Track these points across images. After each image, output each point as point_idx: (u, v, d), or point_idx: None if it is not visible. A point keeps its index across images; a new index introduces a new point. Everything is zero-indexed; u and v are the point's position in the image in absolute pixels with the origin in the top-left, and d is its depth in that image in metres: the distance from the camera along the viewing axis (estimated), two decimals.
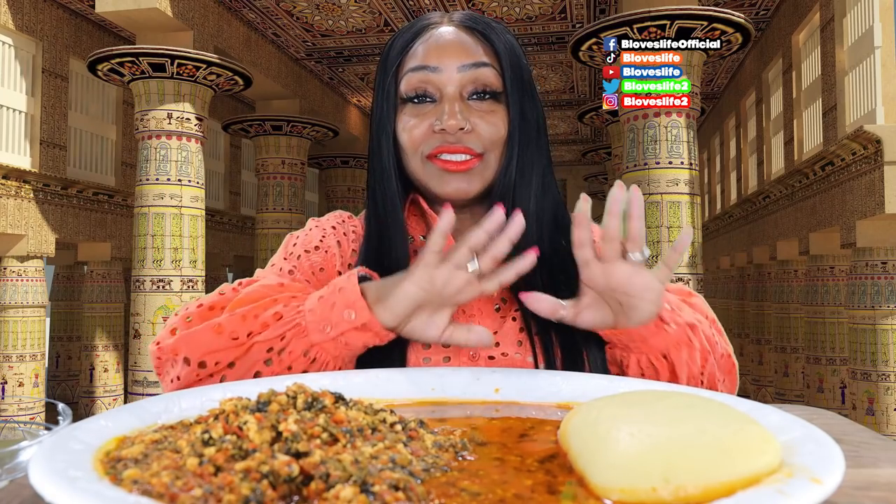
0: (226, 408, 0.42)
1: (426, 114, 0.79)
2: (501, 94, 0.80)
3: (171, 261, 6.80)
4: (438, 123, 0.77)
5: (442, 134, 0.78)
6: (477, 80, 0.79)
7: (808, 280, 7.51)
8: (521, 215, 0.66)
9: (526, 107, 0.81)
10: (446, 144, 0.78)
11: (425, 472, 0.38)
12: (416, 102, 0.80)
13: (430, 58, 0.79)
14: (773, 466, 0.36)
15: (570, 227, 0.79)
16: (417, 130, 0.79)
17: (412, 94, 0.80)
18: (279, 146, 9.16)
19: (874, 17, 5.79)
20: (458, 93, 0.79)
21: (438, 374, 0.61)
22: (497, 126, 0.79)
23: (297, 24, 8.31)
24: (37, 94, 7.72)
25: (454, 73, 0.78)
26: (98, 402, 8.92)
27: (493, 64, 0.80)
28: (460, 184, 0.79)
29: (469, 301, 0.67)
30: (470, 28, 0.81)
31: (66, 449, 0.37)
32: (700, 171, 10.35)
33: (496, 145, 0.80)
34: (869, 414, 6.01)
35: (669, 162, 5.84)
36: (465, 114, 0.78)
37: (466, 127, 0.77)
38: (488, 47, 0.80)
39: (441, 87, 0.79)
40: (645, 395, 0.44)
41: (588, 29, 6.12)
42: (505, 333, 0.80)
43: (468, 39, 0.80)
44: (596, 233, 0.80)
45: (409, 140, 0.79)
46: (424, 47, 0.80)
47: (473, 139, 0.78)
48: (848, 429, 0.57)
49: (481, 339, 0.67)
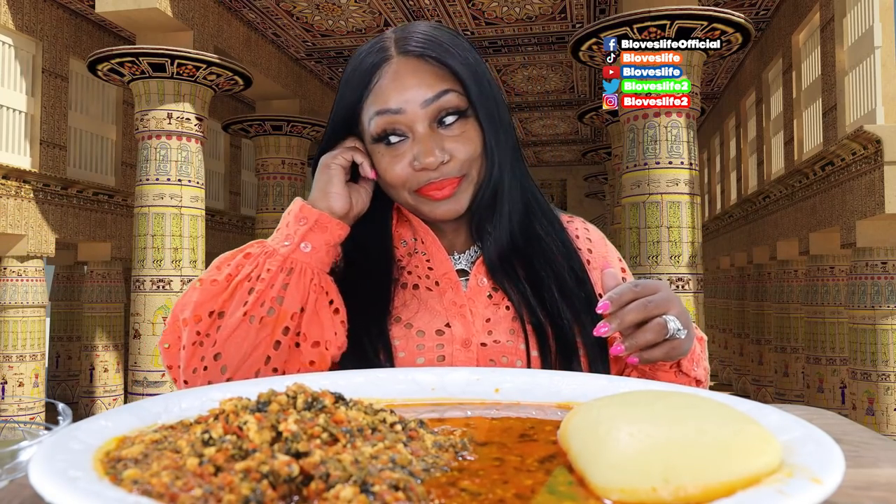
0: (226, 408, 0.42)
1: (403, 152, 0.80)
2: (468, 109, 0.81)
3: (171, 261, 6.80)
4: (418, 163, 0.79)
5: (424, 171, 0.79)
6: (441, 108, 0.80)
7: (808, 280, 7.51)
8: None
9: (492, 110, 0.83)
10: (431, 182, 0.80)
11: (425, 472, 0.38)
12: (388, 144, 0.81)
13: (392, 100, 0.79)
14: (774, 466, 0.36)
15: (546, 214, 0.91)
16: (399, 168, 0.80)
17: (383, 135, 0.81)
18: (279, 146, 9.16)
19: (874, 17, 5.79)
20: (427, 126, 0.80)
21: (438, 373, 0.61)
22: (472, 143, 0.81)
23: (297, 24, 8.31)
24: (37, 94, 7.72)
25: (418, 110, 0.79)
26: (98, 402, 8.92)
27: (455, 88, 0.80)
28: (449, 206, 0.82)
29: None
30: (421, 55, 0.80)
31: (66, 449, 0.37)
32: (700, 171, 10.36)
33: (475, 161, 0.82)
34: (869, 414, 6.01)
35: (669, 162, 5.84)
36: (438, 144, 0.79)
37: (444, 158, 0.79)
38: (445, 71, 0.80)
39: (410, 126, 0.80)
40: (645, 395, 0.44)
41: (588, 29, 6.12)
42: (497, 321, 0.83)
43: (423, 69, 0.80)
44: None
45: (393, 178, 0.81)
46: (382, 88, 0.80)
47: (453, 167, 0.80)
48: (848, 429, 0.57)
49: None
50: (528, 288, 0.84)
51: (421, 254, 0.87)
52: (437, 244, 0.86)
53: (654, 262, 5.83)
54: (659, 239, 5.85)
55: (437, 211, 0.82)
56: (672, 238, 5.83)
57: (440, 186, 0.80)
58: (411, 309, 0.83)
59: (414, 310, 0.83)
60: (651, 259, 5.85)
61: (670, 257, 5.85)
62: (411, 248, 0.88)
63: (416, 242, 0.88)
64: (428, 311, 0.83)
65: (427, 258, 0.87)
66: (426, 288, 0.85)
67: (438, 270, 0.86)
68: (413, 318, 0.83)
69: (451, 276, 0.85)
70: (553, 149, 14.81)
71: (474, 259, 0.88)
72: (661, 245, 5.85)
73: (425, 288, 0.85)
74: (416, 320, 0.83)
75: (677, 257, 5.85)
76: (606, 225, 10.93)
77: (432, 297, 0.84)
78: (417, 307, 0.84)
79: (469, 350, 0.80)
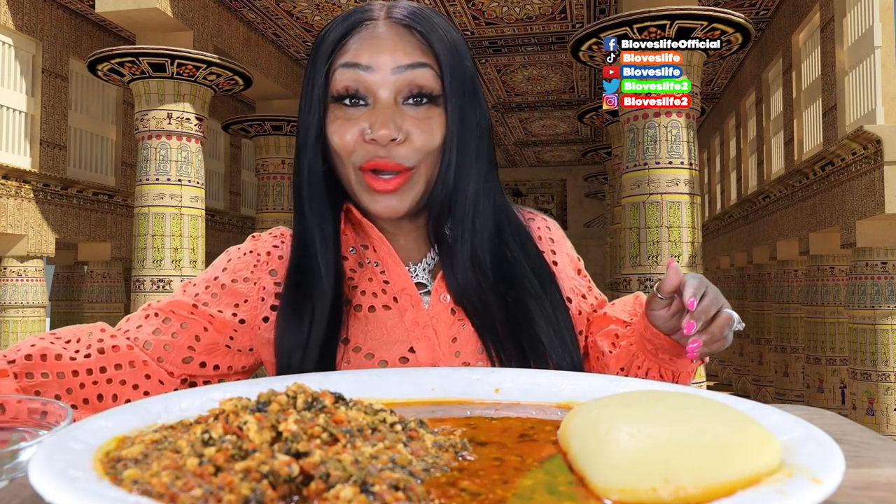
0: (226, 408, 0.42)
1: (358, 118, 0.74)
2: (440, 97, 0.75)
3: (171, 261, 6.80)
4: (370, 132, 0.72)
5: (373, 144, 0.73)
6: (413, 82, 0.74)
7: (808, 280, 7.51)
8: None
9: (466, 109, 0.76)
10: (377, 159, 0.73)
11: (425, 472, 0.38)
12: (347, 105, 0.75)
13: (363, 55, 0.74)
14: (774, 466, 0.36)
15: (520, 234, 0.82)
16: (349, 136, 0.74)
17: (343, 93, 0.74)
18: (279, 146, 9.16)
19: (874, 17, 5.79)
20: (393, 98, 0.73)
21: (439, 373, 0.61)
22: (432, 134, 0.74)
23: (297, 24, 8.31)
24: (37, 94, 7.72)
25: (388, 76, 0.73)
26: None
27: (432, 64, 0.74)
28: (390, 201, 0.74)
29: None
30: (408, 26, 0.75)
31: (65, 449, 0.37)
32: (700, 171, 10.36)
33: (430, 154, 0.75)
34: (869, 414, 6.01)
35: (669, 162, 5.84)
36: (398, 121, 0.73)
37: (399, 137, 0.72)
38: (427, 47, 0.75)
39: (374, 90, 0.74)
40: (645, 395, 0.44)
41: (588, 29, 6.12)
42: (464, 340, 0.77)
43: (406, 38, 0.75)
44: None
45: (340, 144, 0.74)
46: (358, 44, 0.75)
47: (405, 151, 0.73)
48: (848, 429, 0.57)
49: None
50: (494, 312, 0.77)
51: (374, 264, 0.80)
52: (393, 254, 0.79)
53: (654, 262, 5.83)
54: (659, 239, 5.85)
55: (377, 205, 0.75)
56: (672, 238, 5.83)
57: (385, 167, 0.73)
58: (370, 336, 0.76)
59: (372, 336, 0.76)
60: (651, 259, 5.85)
61: (670, 257, 5.85)
62: (361, 258, 0.80)
63: (366, 251, 0.81)
64: (388, 338, 0.76)
65: (381, 269, 0.79)
66: (383, 306, 0.78)
67: (396, 285, 0.78)
68: (373, 347, 0.76)
69: (410, 291, 0.78)
70: (553, 149, 14.81)
71: (432, 268, 0.81)
72: (661, 245, 5.85)
73: (382, 306, 0.78)
74: (376, 348, 0.75)
75: (677, 257, 5.85)
76: (606, 225, 10.93)
77: (391, 318, 0.77)
78: (376, 332, 0.76)
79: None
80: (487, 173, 0.79)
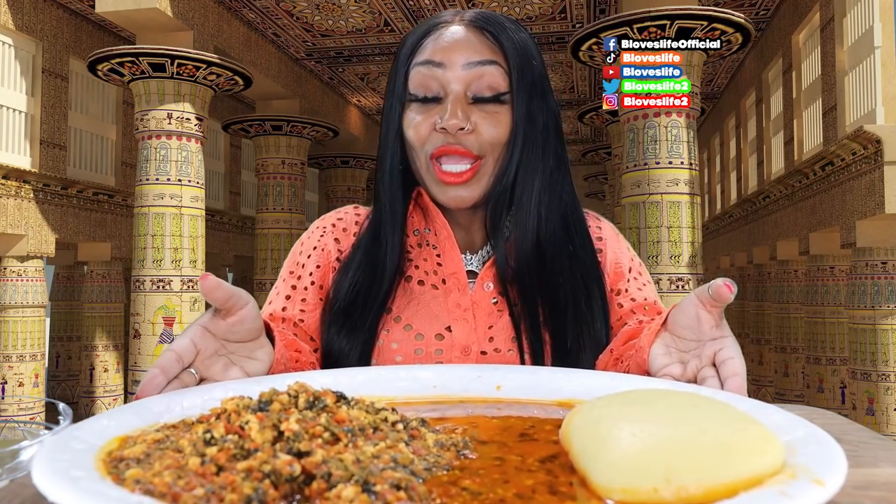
0: (227, 407, 0.42)
1: (430, 112, 0.80)
2: (507, 95, 0.80)
3: (171, 261, 6.80)
4: (440, 121, 0.78)
5: (443, 133, 0.78)
6: (482, 78, 0.79)
7: (808, 280, 7.51)
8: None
9: (533, 108, 0.81)
10: (447, 144, 0.78)
11: (427, 472, 0.38)
12: (422, 101, 0.81)
13: (437, 54, 0.80)
14: (776, 466, 0.36)
15: (584, 232, 0.85)
16: (422, 127, 0.80)
17: (419, 91, 0.81)
18: (279, 146, 9.15)
19: (874, 17, 5.79)
20: (463, 92, 0.79)
21: (440, 371, 0.61)
22: (499, 128, 0.79)
23: (297, 24, 8.31)
24: (37, 94, 7.72)
25: (459, 71, 0.79)
26: (98, 402, 8.92)
27: (500, 62, 0.80)
28: (459, 192, 0.80)
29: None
30: (480, 27, 0.81)
31: (68, 448, 0.37)
32: (700, 171, 10.35)
33: (496, 148, 0.80)
34: (869, 414, 6.01)
35: (669, 162, 5.84)
36: (466, 113, 0.78)
37: (467, 127, 0.77)
38: (497, 46, 0.80)
39: (445, 85, 0.79)
40: (647, 395, 0.44)
41: (588, 29, 6.12)
42: (500, 329, 0.82)
43: (476, 37, 0.81)
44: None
45: (414, 136, 0.80)
46: (433, 44, 0.81)
47: (473, 140, 0.78)
48: (848, 429, 0.57)
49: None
50: (539, 303, 0.80)
51: (431, 247, 0.85)
52: (452, 240, 0.84)
53: (654, 262, 5.84)
54: (659, 239, 5.85)
55: (445, 196, 0.80)
56: (672, 238, 5.83)
57: (454, 151, 0.78)
58: (412, 309, 0.82)
59: (414, 310, 0.82)
60: (651, 259, 5.85)
61: (670, 257, 5.85)
62: (422, 239, 0.86)
63: (428, 234, 0.86)
64: (429, 313, 0.81)
65: (437, 252, 0.85)
66: (431, 285, 0.83)
67: (448, 268, 0.83)
68: (413, 319, 0.81)
69: (459, 275, 0.83)
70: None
71: (486, 260, 0.86)
72: (661, 245, 5.85)
73: (430, 285, 0.83)
74: (416, 321, 0.81)
75: (677, 257, 5.85)
76: None
77: (436, 297, 0.82)
78: (418, 307, 0.82)
79: (468, 358, 0.80)
80: (554, 170, 0.83)
